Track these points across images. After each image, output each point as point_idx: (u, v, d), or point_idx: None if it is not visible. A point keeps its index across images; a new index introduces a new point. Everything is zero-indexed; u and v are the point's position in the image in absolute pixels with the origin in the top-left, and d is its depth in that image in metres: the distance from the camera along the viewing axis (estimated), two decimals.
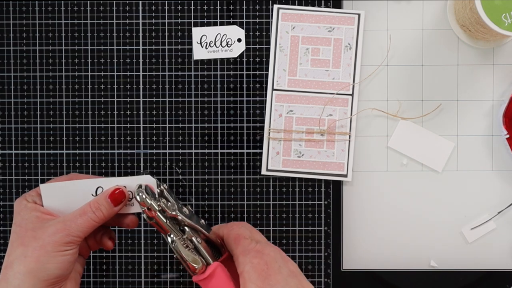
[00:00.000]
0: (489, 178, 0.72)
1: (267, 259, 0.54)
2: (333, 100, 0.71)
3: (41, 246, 0.53)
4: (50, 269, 0.53)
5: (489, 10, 0.63)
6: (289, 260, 0.57)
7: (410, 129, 0.72)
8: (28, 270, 0.52)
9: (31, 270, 0.52)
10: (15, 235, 0.54)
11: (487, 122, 0.72)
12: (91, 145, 0.72)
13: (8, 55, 0.72)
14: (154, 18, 0.72)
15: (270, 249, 0.56)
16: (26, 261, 0.52)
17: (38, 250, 0.53)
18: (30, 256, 0.52)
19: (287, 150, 0.71)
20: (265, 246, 0.56)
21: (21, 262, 0.52)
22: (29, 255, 0.53)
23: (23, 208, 0.55)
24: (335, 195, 0.72)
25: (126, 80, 0.72)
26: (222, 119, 0.72)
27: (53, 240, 0.53)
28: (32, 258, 0.52)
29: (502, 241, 0.72)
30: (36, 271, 0.52)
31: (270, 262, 0.54)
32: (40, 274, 0.52)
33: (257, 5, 0.72)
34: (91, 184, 0.57)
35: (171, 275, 0.72)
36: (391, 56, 0.72)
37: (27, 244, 0.53)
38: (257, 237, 0.59)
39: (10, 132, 0.72)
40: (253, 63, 0.72)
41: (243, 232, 0.58)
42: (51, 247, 0.53)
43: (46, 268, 0.53)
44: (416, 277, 0.72)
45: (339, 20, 0.71)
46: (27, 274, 0.52)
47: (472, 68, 0.72)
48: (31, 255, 0.52)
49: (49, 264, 0.53)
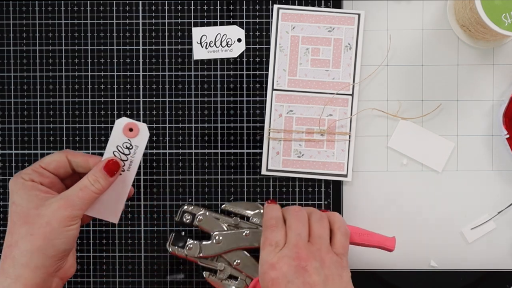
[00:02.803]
0: (489, 178, 0.72)
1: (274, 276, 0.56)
2: (333, 100, 0.71)
3: (47, 223, 0.53)
4: (57, 245, 0.54)
5: (489, 10, 0.63)
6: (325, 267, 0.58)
7: (410, 129, 0.72)
8: (36, 247, 0.53)
9: (39, 247, 0.53)
10: (16, 215, 0.54)
11: (487, 122, 0.72)
12: (91, 145, 0.72)
13: (8, 55, 0.72)
14: (154, 18, 0.72)
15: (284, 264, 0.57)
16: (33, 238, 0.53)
17: (44, 227, 0.53)
18: (37, 234, 0.53)
19: (287, 150, 0.71)
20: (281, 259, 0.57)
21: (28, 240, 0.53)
22: (35, 233, 0.53)
23: (21, 187, 0.56)
24: (335, 195, 0.72)
25: (126, 80, 0.72)
26: (222, 119, 0.72)
27: (58, 216, 0.54)
28: (38, 235, 0.53)
29: (502, 241, 0.72)
30: (43, 248, 0.53)
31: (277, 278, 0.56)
32: (47, 251, 0.53)
33: (257, 5, 0.72)
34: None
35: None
36: (391, 56, 0.72)
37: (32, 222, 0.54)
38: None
39: (10, 132, 0.72)
40: (253, 63, 0.72)
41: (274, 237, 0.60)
42: (57, 223, 0.53)
43: (53, 244, 0.54)
44: (416, 277, 0.71)
45: (339, 20, 0.71)
46: (34, 252, 0.53)
47: (472, 68, 0.72)
48: (37, 233, 0.53)
49: (56, 240, 0.54)
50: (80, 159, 0.59)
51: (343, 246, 0.60)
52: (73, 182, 0.60)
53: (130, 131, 0.59)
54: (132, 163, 0.59)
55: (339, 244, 0.60)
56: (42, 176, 0.57)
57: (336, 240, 0.61)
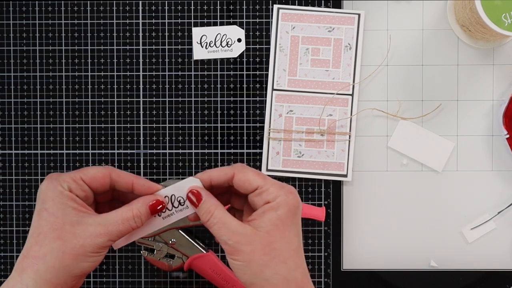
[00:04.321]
0: (489, 178, 0.72)
1: (298, 201, 0.54)
2: (333, 100, 0.71)
3: (81, 245, 0.52)
4: (84, 267, 0.53)
5: (489, 10, 0.63)
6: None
7: (410, 129, 0.72)
8: (64, 266, 0.52)
9: (66, 266, 0.52)
10: (48, 225, 0.52)
11: (487, 122, 0.72)
12: (91, 145, 0.72)
13: (8, 55, 0.72)
14: (154, 18, 0.72)
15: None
16: (63, 257, 0.52)
17: (78, 249, 0.52)
18: (69, 253, 0.52)
19: (287, 150, 0.71)
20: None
21: (57, 257, 0.51)
22: (67, 252, 0.52)
23: (58, 195, 0.53)
24: (335, 195, 0.72)
25: (126, 80, 0.72)
26: (222, 119, 0.72)
27: (94, 242, 0.52)
28: (70, 255, 0.52)
29: (502, 241, 0.72)
30: (70, 268, 0.52)
31: (300, 205, 0.54)
32: (73, 271, 0.52)
33: (257, 5, 0.72)
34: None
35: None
36: (391, 56, 0.72)
37: (65, 238, 0.52)
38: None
39: (10, 132, 0.72)
40: (253, 63, 0.72)
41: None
42: (91, 248, 0.52)
43: (81, 266, 0.52)
44: (416, 277, 0.72)
45: (339, 20, 0.71)
46: (61, 270, 0.52)
47: (472, 68, 0.72)
48: (70, 252, 0.52)
49: (84, 262, 0.52)
50: (124, 181, 0.56)
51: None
52: (105, 197, 0.58)
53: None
54: (171, 216, 0.57)
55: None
56: (81, 189, 0.54)
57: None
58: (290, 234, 0.52)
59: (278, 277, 0.51)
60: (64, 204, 0.52)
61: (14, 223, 0.72)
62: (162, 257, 0.70)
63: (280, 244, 0.52)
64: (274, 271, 0.51)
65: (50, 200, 0.52)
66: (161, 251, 0.69)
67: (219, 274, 0.69)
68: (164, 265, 0.70)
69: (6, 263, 0.72)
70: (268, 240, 0.51)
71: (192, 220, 0.56)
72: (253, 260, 0.51)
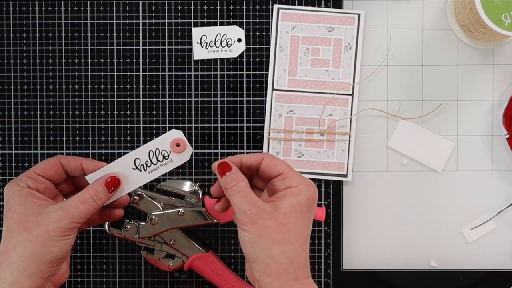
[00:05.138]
0: (489, 178, 0.72)
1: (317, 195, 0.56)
2: (333, 100, 0.71)
3: (46, 231, 0.55)
4: (54, 252, 0.55)
5: (489, 10, 0.63)
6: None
7: (410, 129, 0.72)
8: (33, 253, 0.54)
9: (36, 253, 0.54)
10: (13, 221, 0.55)
11: (487, 122, 0.72)
12: (91, 145, 0.72)
13: (8, 55, 0.72)
14: (154, 18, 0.72)
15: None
16: (31, 245, 0.54)
17: (43, 235, 0.55)
18: (35, 241, 0.54)
19: (287, 150, 0.71)
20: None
21: (26, 246, 0.54)
22: (33, 239, 0.54)
23: (18, 194, 0.57)
24: (335, 195, 0.72)
25: (126, 80, 0.72)
26: (222, 119, 0.72)
27: (57, 226, 0.55)
28: (37, 242, 0.54)
29: (502, 241, 0.72)
30: (40, 254, 0.54)
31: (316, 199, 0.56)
32: (45, 257, 0.55)
33: (257, 5, 0.72)
34: (129, 159, 0.59)
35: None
36: (391, 56, 0.72)
37: (30, 229, 0.55)
38: None
39: (10, 132, 0.72)
40: (253, 63, 0.72)
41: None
42: (55, 232, 0.55)
43: (50, 251, 0.55)
44: (416, 277, 0.72)
45: (339, 20, 0.71)
46: (32, 257, 0.54)
47: (472, 68, 0.72)
48: (36, 239, 0.54)
49: (53, 247, 0.55)
50: (73, 163, 0.60)
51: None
52: (67, 187, 0.62)
53: (176, 146, 0.60)
54: (156, 170, 0.60)
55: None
56: (37, 182, 0.58)
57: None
58: (304, 220, 0.55)
59: (284, 256, 0.53)
60: (24, 200, 0.56)
61: None
62: (162, 257, 0.70)
63: (294, 227, 0.54)
64: (282, 250, 0.53)
65: (11, 200, 0.57)
66: (161, 251, 0.69)
67: (219, 274, 0.69)
68: (164, 265, 0.70)
69: None
70: (284, 220, 0.54)
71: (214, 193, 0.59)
72: (264, 234, 0.53)
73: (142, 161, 0.59)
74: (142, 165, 0.60)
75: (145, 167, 0.59)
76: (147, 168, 0.59)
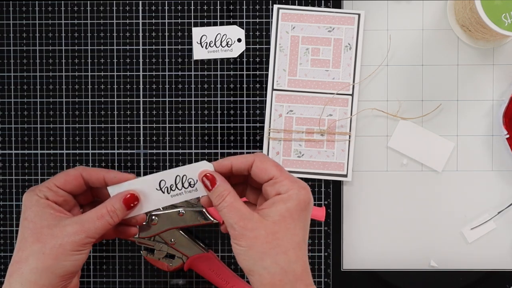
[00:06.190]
0: (489, 178, 0.72)
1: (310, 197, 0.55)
2: (333, 100, 0.71)
3: (60, 245, 0.54)
4: (67, 266, 0.54)
5: (489, 10, 0.63)
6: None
7: (410, 129, 0.72)
8: (46, 266, 0.53)
9: (49, 267, 0.54)
10: (28, 231, 0.55)
11: (487, 122, 0.72)
12: (91, 145, 0.72)
13: (8, 55, 0.72)
14: (154, 18, 0.72)
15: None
16: (44, 258, 0.54)
17: (57, 248, 0.54)
18: (49, 254, 0.54)
19: (287, 150, 0.71)
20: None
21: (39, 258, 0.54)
22: (47, 252, 0.54)
23: (35, 204, 0.56)
24: (335, 195, 0.72)
25: (126, 80, 0.72)
26: (222, 119, 0.72)
27: (72, 240, 0.54)
28: (50, 255, 0.54)
29: (502, 241, 0.72)
30: (53, 268, 0.54)
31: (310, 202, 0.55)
32: (57, 271, 0.54)
33: (257, 5, 0.72)
34: (155, 179, 0.58)
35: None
36: (391, 56, 0.72)
37: (44, 241, 0.54)
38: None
39: (10, 132, 0.72)
40: (253, 63, 0.72)
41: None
42: (70, 246, 0.54)
43: (63, 265, 0.54)
44: (416, 277, 0.72)
45: (339, 20, 0.71)
46: (44, 270, 0.53)
47: (472, 68, 0.72)
48: (50, 253, 0.54)
49: (66, 261, 0.54)
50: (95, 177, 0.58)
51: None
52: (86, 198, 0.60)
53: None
54: (179, 196, 0.58)
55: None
56: (57, 195, 0.57)
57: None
58: (296, 227, 0.53)
59: (277, 267, 0.52)
60: (41, 211, 0.55)
61: (14, 223, 0.72)
62: (162, 257, 0.70)
63: (284, 235, 0.52)
64: (274, 260, 0.52)
65: (28, 209, 0.55)
66: (161, 251, 0.69)
67: (219, 274, 0.69)
68: (164, 265, 0.70)
69: (6, 263, 0.72)
70: (272, 229, 0.52)
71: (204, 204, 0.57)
72: (254, 246, 0.52)
73: (168, 183, 0.58)
74: (166, 187, 0.58)
75: (169, 190, 0.58)
76: (170, 191, 0.58)
